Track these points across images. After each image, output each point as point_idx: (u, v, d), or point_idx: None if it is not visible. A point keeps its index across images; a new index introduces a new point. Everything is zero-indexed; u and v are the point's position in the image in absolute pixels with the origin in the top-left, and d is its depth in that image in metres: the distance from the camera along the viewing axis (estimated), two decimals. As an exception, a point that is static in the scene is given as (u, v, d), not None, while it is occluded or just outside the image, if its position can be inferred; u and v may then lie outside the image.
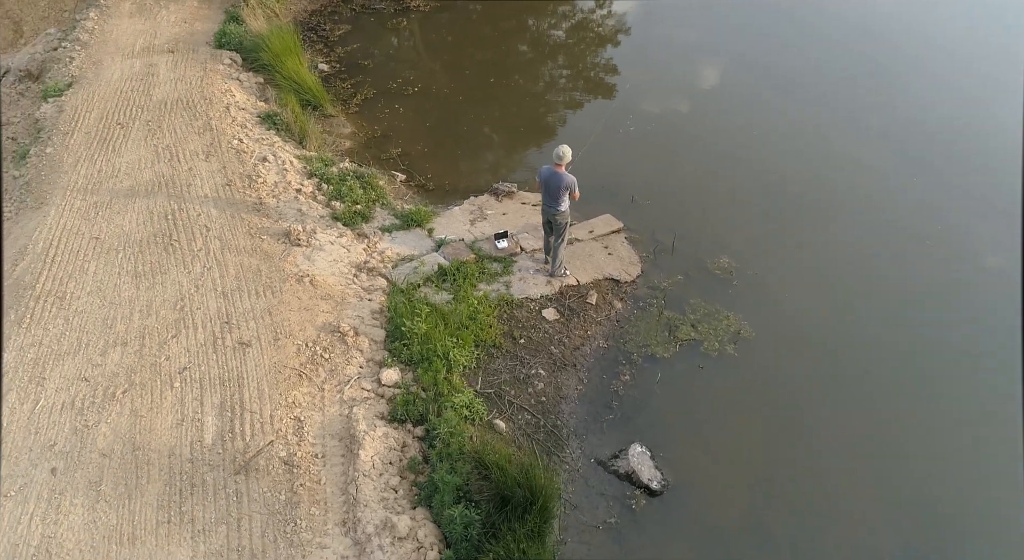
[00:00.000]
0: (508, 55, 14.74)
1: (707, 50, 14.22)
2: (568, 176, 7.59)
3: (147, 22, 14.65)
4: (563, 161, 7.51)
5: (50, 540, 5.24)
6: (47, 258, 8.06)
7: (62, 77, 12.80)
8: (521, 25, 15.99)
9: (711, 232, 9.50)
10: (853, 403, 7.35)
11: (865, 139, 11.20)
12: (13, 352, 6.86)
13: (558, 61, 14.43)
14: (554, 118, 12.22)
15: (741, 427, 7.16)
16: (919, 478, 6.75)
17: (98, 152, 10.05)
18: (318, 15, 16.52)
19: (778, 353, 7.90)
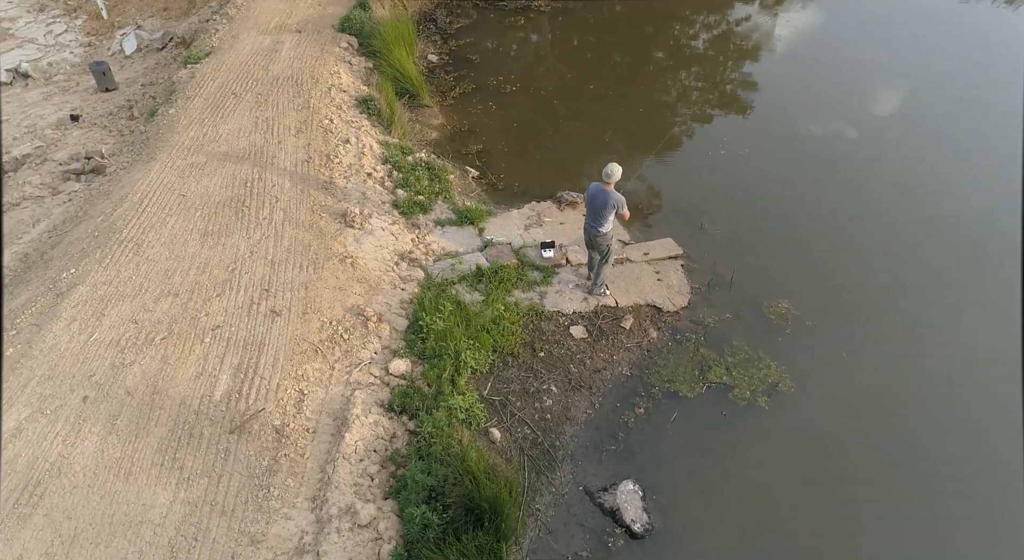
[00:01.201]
0: (613, 63, 14.47)
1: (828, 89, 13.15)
2: (616, 194, 7.35)
3: (287, 2, 15.80)
4: (612, 179, 7.29)
5: (63, 460, 5.88)
6: (139, 208, 8.97)
7: (204, 47, 14.14)
8: (634, 35, 15.61)
9: (776, 274, 8.85)
10: (887, 494, 6.56)
11: (973, 206, 9.91)
12: (88, 286, 7.72)
13: (660, 75, 13.95)
14: (642, 132, 11.84)
15: (748, 487, 6.65)
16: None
17: (208, 117, 11.02)
18: (443, 7, 17.03)
19: (813, 415, 7.24)
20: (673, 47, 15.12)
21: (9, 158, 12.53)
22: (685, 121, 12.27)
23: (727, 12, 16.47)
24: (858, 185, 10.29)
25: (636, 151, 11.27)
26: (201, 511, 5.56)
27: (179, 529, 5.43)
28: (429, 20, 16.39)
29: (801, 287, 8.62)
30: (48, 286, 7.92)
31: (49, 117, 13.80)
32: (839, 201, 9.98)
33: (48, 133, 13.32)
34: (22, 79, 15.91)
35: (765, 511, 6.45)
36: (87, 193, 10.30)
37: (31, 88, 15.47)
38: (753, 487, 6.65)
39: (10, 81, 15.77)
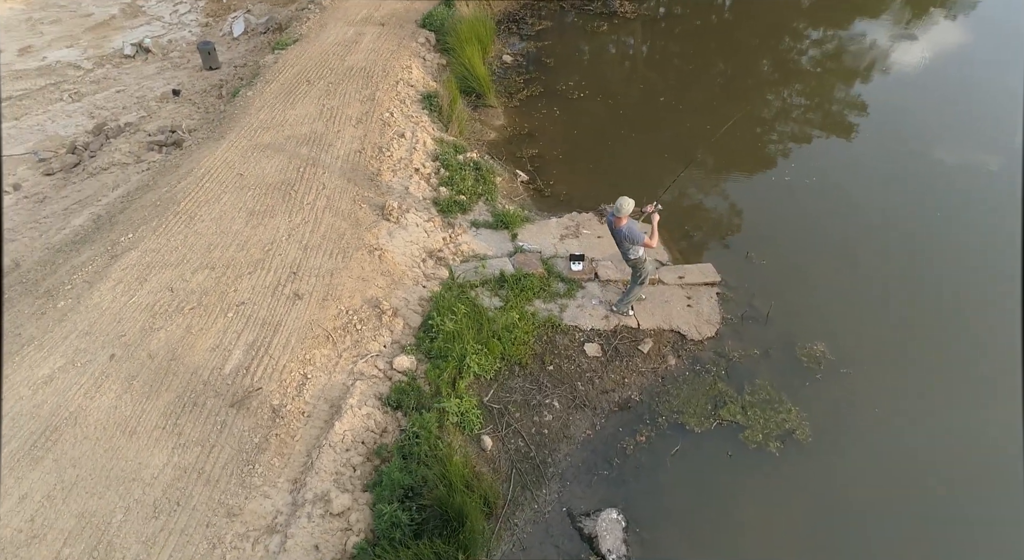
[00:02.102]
0: (690, 77, 14.01)
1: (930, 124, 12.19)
2: (626, 229, 7.15)
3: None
4: (621, 214, 7.08)
5: (81, 411, 6.35)
6: (199, 182, 9.54)
7: (293, 34, 14.84)
8: (718, 49, 15.05)
9: (818, 314, 8.33)
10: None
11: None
12: (139, 252, 8.29)
13: (736, 92, 13.33)
14: (704, 152, 11.39)
15: (740, 537, 6.31)
16: None
17: (280, 102, 11.55)
18: (528, 8, 17.05)
19: (827, 471, 6.76)
20: (762, 64, 14.45)
21: (112, 125, 13.61)
22: (751, 140, 11.70)
23: (844, 28, 15.49)
24: (931, 236, 9.46)
25: (693, 170, 10.87)
26: (188, 477, 5.85)
27: (165, 491, 5.74)
28: (512, 20, 16.47)
29: (843, 332, 8.06)
30: (107, 247, 8.56)
31: (157, 90, 14.87)
32: (904, 249, 9.22)
33: (152, 105, 14.36)
34: (144, 53, 17.21)
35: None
36: (163, 164, 11.05)
37: (149, 62, 16.71)
38: (746, 537, 6.30)
39: (133, 54, 17.09)
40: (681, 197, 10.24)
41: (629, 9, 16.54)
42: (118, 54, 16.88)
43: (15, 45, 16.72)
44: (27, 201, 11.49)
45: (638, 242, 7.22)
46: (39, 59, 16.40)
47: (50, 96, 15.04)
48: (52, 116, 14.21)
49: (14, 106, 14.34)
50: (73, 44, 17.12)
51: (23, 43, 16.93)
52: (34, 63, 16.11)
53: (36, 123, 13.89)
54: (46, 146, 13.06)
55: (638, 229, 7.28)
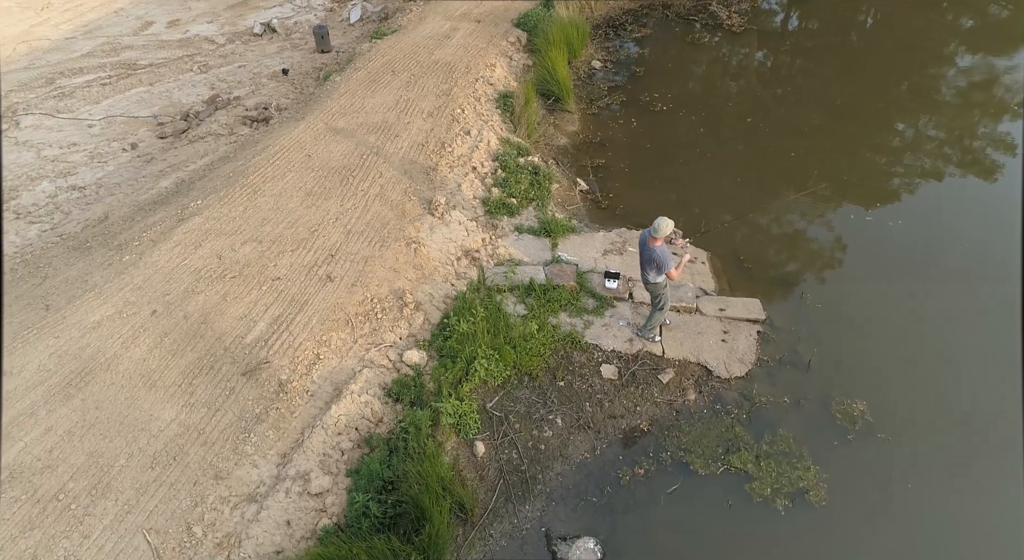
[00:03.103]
0: (786, 99, 13.23)
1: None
2: (658, 251, 6.83)
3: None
4: (658, 234, 6.77)
5: (115, 359, 6.90)
6: (270, 159, 10.09)
7: (393, 24, 15.37)
8: (825, 72, 14.09)
9: (865, 371, 7.68)
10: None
11: None
12: (202, 218, 8.88)
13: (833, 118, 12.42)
14: (783, 179, 10.73)
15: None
16: None
17: (362, 90, 11.99)
18: (631, 14, 16.74)
19: (835, 538, 6.21)
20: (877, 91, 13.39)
21: (224, 98, 14.64)
22: (840, 166, 10.87)
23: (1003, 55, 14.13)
24: (1016, 314, 8.42)
25: (764, 198, 10.26)
26: (189, 435, 6.23)
27: (166, 445, 6.14)
28: (612, 26, 16.21)
29: (890, 394, 7.38)
30: (178, 210, 9.24)
31: (272, 68, 15.83)
32: (981, 322, 8.25)
33: (262, 81, 15.32)
34: (270, 33, 18.38)
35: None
36: (248, 138, 11.77)
37: (273, 42, 17.82)
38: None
39: (261, 33, 18.30)
40: (743, 222, 9.69)
41: (737, 23, 15.86)
42: (248, 32, 18.12)
43: (166, 18, 18.34)
44: (138, 160, 12.56)
45: (664, 269, 6.93)
46: (182, 31, 17.90)
47: (183, 66, 16.35)
48: (180, 85, 15.43)
49: (152, 73, 15.70)
50: (213, 20, 18.54)
51: (173, 16, 18.54)
52: (177, 35, 17.60)
53: (165, 89, 15.12)
54: (167, 112, 14.19)
55: (669, 255, 6.98)
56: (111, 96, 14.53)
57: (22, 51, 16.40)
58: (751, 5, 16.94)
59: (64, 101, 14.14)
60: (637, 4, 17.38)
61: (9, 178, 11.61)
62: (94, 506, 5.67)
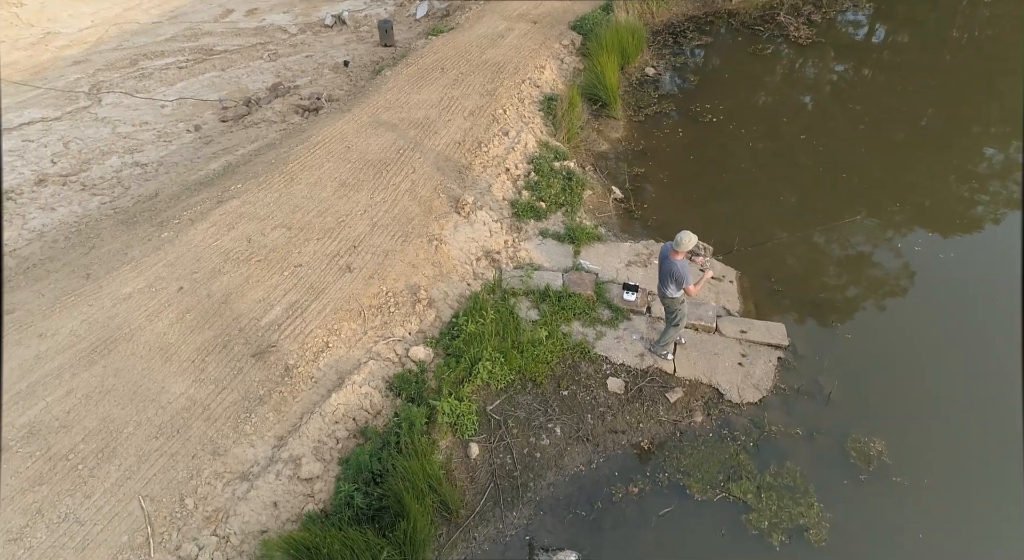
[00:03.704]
0: (845, 120, 12.64)
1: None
2: (678, 265, 6.65)
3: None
4: (679, 248, 6.59)
5: (139, 330, 7.24)
6: (312, 149, 10.36)
7: (451, 22, 15.54)
8: (888, 89, 13.39)
9: (889, 409, 7.30)
10: None
11: None
12: (239, 201, 9.21)
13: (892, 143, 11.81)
14: (829, 203, 10.25)
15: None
16: None
17: (409, 85, 12.17)
18: (693, 21, 16.39)
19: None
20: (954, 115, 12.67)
21: (285, 86, 15.13)
22: (887, 198, 10.33)
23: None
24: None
25: (809, 221, 9.84)
26: (194, 410, 6.47)
27: (172, 417, 6.40)
28: (672, 33, 15.91)
29: (913, 437, 6.99)
30: (219, 192, 9.62)
31: (336, 59, 16.27)
32: None
33: (324, 72, 15.77)
34: (340, 25, 18.91)
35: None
36: (296, 127, 12.13)
37: (341, 34, 18.32)
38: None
39: (331, 25, 18.84)
40: (778, 241, 9.33)
41: (804, 34, 15.31)
42: (320, 23, 18.68)
43: (245, 6, 19.13)
44: (198, 141, 13.12)
45: (683, 284, 6.74)
46: (259, 20, 18.63)
47: (255, 54, 16.98)
48: (249, 71, 16.03)
49: (225, 58, 16.38)
50: (288, 10, 19.20)
51: (252, 5, 19.32)
52: (254, 24, 18.32)
53: (235, 75, 15.73)
54: (233, 96, 14.76)
55: (689, 270, 6.79)
56: (185, 79, 15.22)
57: (113, 33, 17.42)
58: (823, 17, 16.31)
59: (143, 82, 14.91)
60: (702, 12, 17.01)
61: (84, 152, 12.32)
62: (99, 469, 5.97)
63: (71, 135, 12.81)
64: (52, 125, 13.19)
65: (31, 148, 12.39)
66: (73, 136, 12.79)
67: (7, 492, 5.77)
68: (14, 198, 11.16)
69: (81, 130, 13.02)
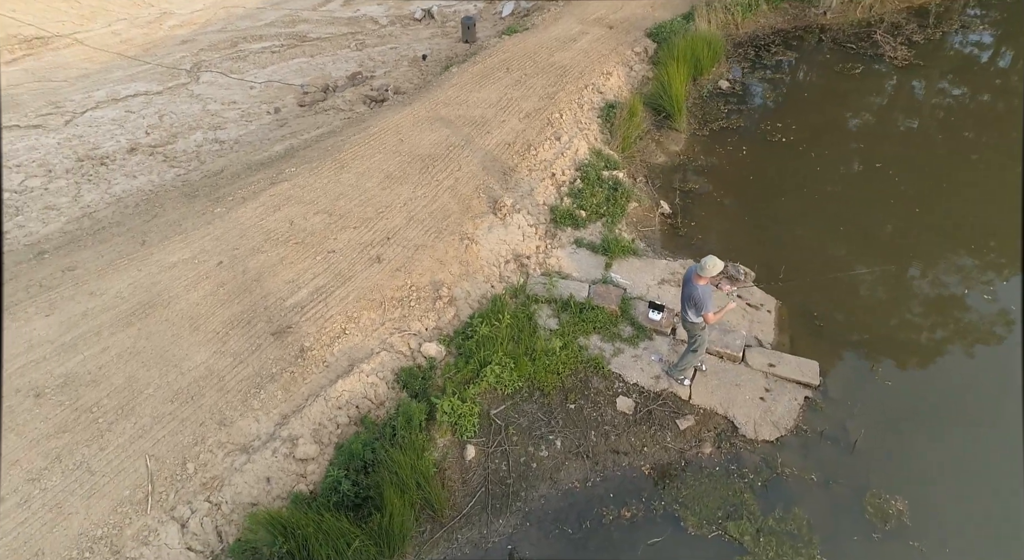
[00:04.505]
0: (931, 150, 11.77)
1: None
2: (700, 290, 6.40)
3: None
4: (703, 273, 6.33)
5: (175, 298, 7.67)
6: (366, 139, 10.64)
7: (527, 23, 15.58)
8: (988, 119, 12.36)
9: (919, 468, 6.78)
10: None
11: None
12: (289, 184, 9.58)
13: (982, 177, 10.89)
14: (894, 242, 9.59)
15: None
16: None
17: (472, 83, 12.27)
18: (781, 35, 15.75)
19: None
20: None
21: (363, 76, 15.61)
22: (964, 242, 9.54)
23: None
24: None
25: (866, 257, 9.25)
26: (210, 380, 6.79)
27: (189, 384, 6.75)
28: (754, 44, 15.31)
29: (938, 499, 6.45)
30: (273, 174, 10.04)
31: (417, 52, 16.67)
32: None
33: (402, 64, 16.18)
34: (429, 19, 19.36)
35: None
36: (359, 116, 12.48)
37: (428, 28, 18.75)
38: None
39: (420, 19, 19.33)
40: (829, 274, 8.81)
41: (902, 55, 14.37)
42: (410, 16, 19.18)
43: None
44: (274, 123, 13.74)
45: (701, 310, 6.49)
46: (353, 10, 19.33)
47: (344, 42, 17.63)
48: (335, 59, 16.64)
49: (315, 45, 17.09)
50: (383, 2, 19.81)
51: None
52: (348, 13, 19.03)
53: (321, 62, 16.37)
54: (315, 82, 15.36)
55: (711, 298, 6.53)
56: (277, 63, 15.96)
57: (221, 15, 18.51)
58: (927, 38, 15.26)
59: (239, 63, 15.75)
60: (791, 25, 16.29)
61: (174, 125, 13.15)
62: (116, 424, 6.37)
63: (167, 109, 13.66)
64: (153, 99, 14.13)
65: (131, 119, 13.31)
66: (168, 110, 13.64)
67: (35, 435, 6.25)
68: (107, 163, 12.03)
69: (176, 105, 13.86)
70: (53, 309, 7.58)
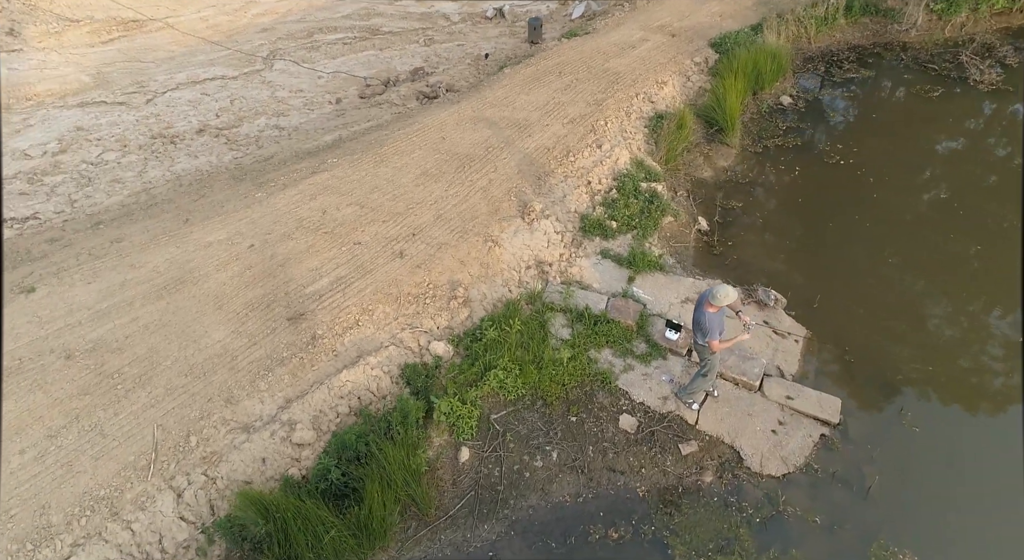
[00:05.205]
0: (1004, 182, 10.93)
1: None
2: (707, 317, 6.20)
3: (693, 5, 15.94)
4: (714, 302, 6.12)
5: (205, 277, 7.99)
6: (409, 135, 10.80)
7: (589, 27, 15.46)
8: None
9: (935, 524, 6.35)
10: None
11: None
12: (328, 174, 9.82)
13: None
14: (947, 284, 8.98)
15: None
16: None
17: (521, 85, 12.26)
18: (857, 51, 15.02)
19: None
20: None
21: (424, 71, 15.85)
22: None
23: None
24: None
25: (911, 295, 8.70)
26: (223, 358, 7.06)
27: (204, 361, 7.03)
28: (826, 60, 14.65)
29: (954, 555, 5.99)
30: (316, 164, 10.33)
31: (480, 50, 16.82)
32: None
33: (466, 62, 16.35)
34: (500, 18, 19.52)
35: None
36: (408, 112, 12.68)
37: (498, 26, 18.91)
38: None
39: (491, 17, 19.52)
40: (871, 307, 8.35)
41: (988, 79, 13.43)
42: (481, 14, 19.37)
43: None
44: (333, 113, 14.15)
45: (706, 336, 6.28)
46: (427, 6, 19.67)
47: (413, 38, 17.97)
48: (402, 54, 16.99)
49: (386, 39, 17.49)
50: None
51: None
52: (422, 9, 19.38)
53: (388, 56, 16.74)
54: (379, 76, 15.73)
55: (717, 325, 6.29)
56: (346, 54, 16.41)
57: (302, 6, 19.18)
58: (1022, 61, 14.19)
59: (311, 53, 16.29)
60: (869, 42, 15.49)
61: (243, 110, 13.73)
62: (133, 393, 6.71)
63: (239, 94, 14.27)
64: (228, 83, 14.78)
65: (204, 101, 13.98)
66: (240, 95, 14.24)
67: (60, 394, 6.66)
68: (176, 142, 12.68)
69: (248, 90, 14.45)
70: (96, 277, 8.05)
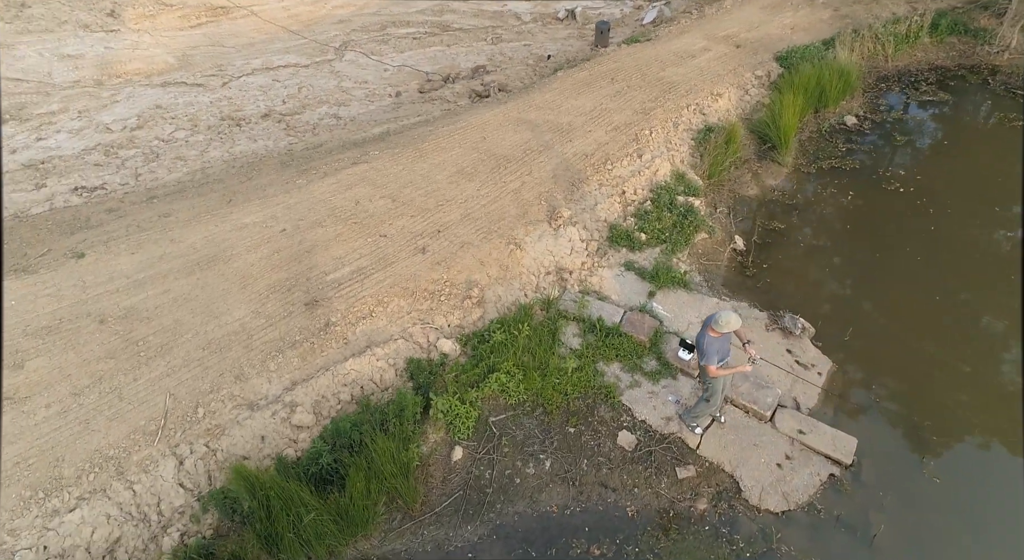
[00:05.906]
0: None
1: None
2: (707, 341, 6.05)
3: (763, 15, 15.45)
4: (717, 328, 5.93)
5: (236, 256, 8.32)
6: (451, 133, 10.91)
7: (651, 34, 15.21)
8: None
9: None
10: None
11: None
12: (367, 165, 10.05)
13: None
14: (991, 319, 8.41)
15: None
16: None
17: (571, 89, 12.18)
18: (937, 72, 14.22)
19: None
20: None
21: (483, 69, 15.97)
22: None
23: None
24: None
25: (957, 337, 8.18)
26: (239, 336, 7.33)
27: (223, 337, 7.33)
28: (903, 81, 13.91)
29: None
30: (360, 154, 10.58)
31: (545, 51, 16.85)
32: None
33: (528, 62, 16.42)
34: (571, 20, 19.52)
35: None
36: (456, 110, 12.80)
37: (567, 28, 18.91)
38: None
39: (563, 19, 19.54)
40: (908, 347, 7.90)
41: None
42: (552, 15, 19.41)
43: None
44: (391, 106, 14.47)
45: (702, 359, 6.10)
46: (500, 4, 19.84)
47: (481, 35, 18.19)
48: (468, 51, 17.21)
49: (454, 36, 17.77)
50: None
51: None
52: (495, 7, 19.56)
53: (454, 53, 17.01)
54: (442, 71, 15.99)
55: (716, 351, 6.09)
56: (414, 49, 16.75)
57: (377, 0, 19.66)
58: None
59: (381, 46, 16.71)
60: (954, 63, 14.61)
61: (308, 97, 14.23)
62: (153, 361, 7.07)
63: (307, 82, 14.76)
64: (299, 71, 15.33)
65: (275, 87, 14.56)
66: (308, 83, 14.73)
67: (89, 356, 7.09)
68: (241, 125, 13.26)
69: (316, 79, 14.93)
70: (139, 248, 8.51)
